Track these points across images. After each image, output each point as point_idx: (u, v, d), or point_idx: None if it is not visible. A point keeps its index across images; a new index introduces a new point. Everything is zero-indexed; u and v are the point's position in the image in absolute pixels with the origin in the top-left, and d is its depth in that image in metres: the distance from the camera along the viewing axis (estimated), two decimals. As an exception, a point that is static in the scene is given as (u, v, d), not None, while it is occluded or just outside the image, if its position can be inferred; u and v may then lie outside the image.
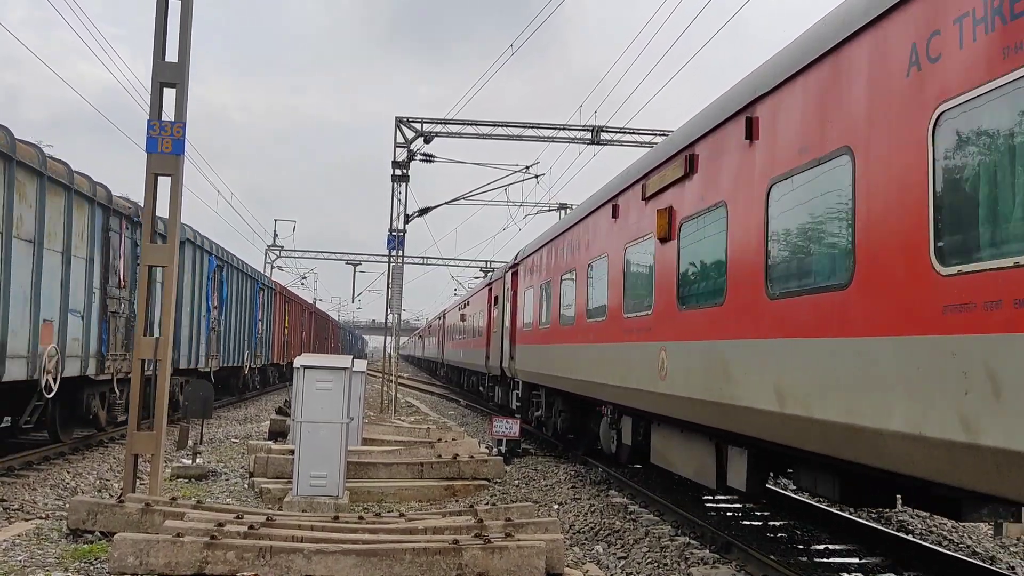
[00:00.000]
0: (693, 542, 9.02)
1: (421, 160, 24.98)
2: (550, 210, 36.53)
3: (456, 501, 11.11)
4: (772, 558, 7.97)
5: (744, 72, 10.40)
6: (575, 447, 15.43)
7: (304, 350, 42.13)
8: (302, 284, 65.60)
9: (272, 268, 55.16)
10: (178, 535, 6.78)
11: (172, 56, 9.68)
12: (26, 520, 8.83)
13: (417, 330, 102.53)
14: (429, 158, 25.08)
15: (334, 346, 64.09)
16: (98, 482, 11.58)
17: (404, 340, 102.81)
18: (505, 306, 20.69)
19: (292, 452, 10.31)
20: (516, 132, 24.94)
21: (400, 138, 24.64)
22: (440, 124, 24.65)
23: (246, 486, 11.41)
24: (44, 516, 9.08)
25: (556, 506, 11.11)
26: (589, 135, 24.82)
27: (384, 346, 31.65)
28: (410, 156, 24.75)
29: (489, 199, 35.05)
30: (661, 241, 9.09)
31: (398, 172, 24.78)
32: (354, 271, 60.76)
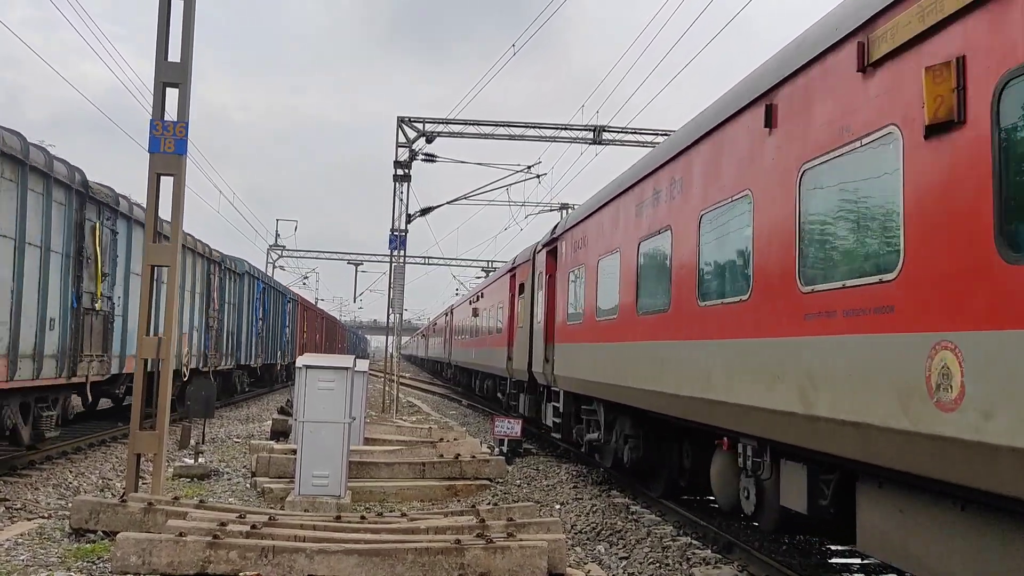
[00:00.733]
0: (695, 542, 9.03)
1: (423, 160, 24.99)
2: (552, 210, 36.53)
3: (458, 501, 11.12)
4: (774, 558, 7.98)
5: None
6: (647, 483, 11.69)
7: (318, 349, 48.72)
8: (304, 284, 65.77)
9: (274, 268, 55.20)
10: (181, 535, 6.79)
11: (174, 56, 9.70)
12: (29, 519, 8.85)
13: (420, 329, 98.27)
14: (431, 158, 25.08)
15: (341, 346, 69.94)
16: (101, 482, 11.59)
17: (406, 340, 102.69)
18: (536, 296, 17.12)
19: (294, 452, 10.32)
20: (518, 132, 24.92)
21: (402, 138, 24.66)
22: (442, 124, 24.66)
23: (248, 486, 11.42)
24: (47, 515, 9.09)
25: (558, 506, 11.12)
26: (591, 135, 24.79)
27: (386, 346, 31.65)
28: (412, 156, 24.75)
29: (491, 199, 35.07)
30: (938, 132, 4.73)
31: (400, 172, 24.79)
32: (355, 271, 60.90)
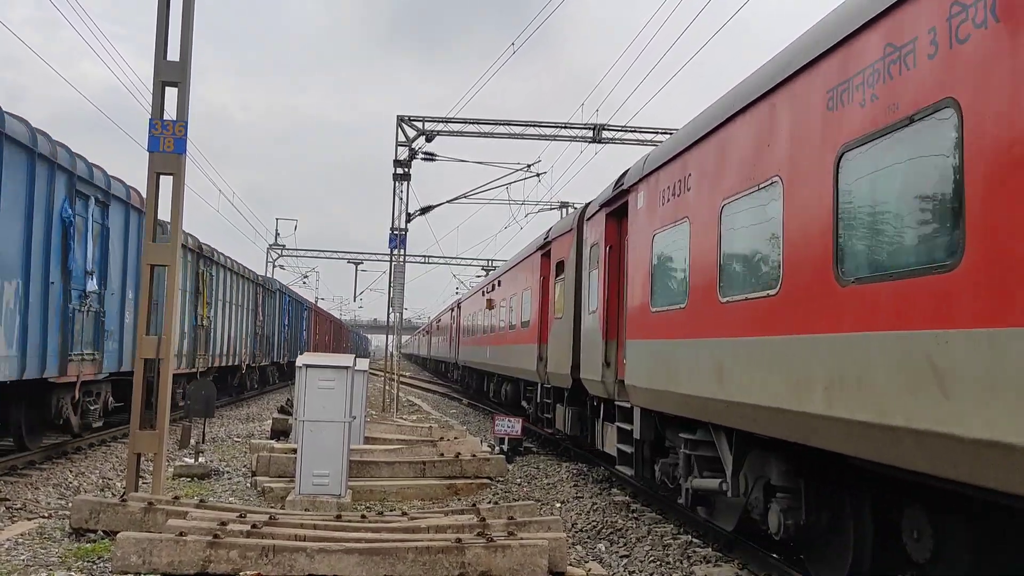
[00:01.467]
0: (695, 540, 9.02)
1: (423, 159, 24.98)
2: (551, 208, 36.55)
3: (458, 500, 11.12)
4: (775, 556, 7.97)
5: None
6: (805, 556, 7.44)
7: (327, 349, 55.47)
8: (304, 283, 65.79)
9: (274, 267, 55.19)
10: (181, 534, 6.79)
11: (174, 55, 9.69)
12: (29, 519, 8.85)
13: (421, 327, 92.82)
14: (431, 157, 25.07)
15: (346, 346, 76.50)
16: (101, 481, 11.59)
17: (406, 339, 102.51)
18: (586, 276, 12.63)
19: (294, 451, 10.32)
20: (518, 130, 24.90)
21: (401, 137, 24.64)
22: (442, 123, 24.64)
23: (248, 485, 11.42)
24: (47, 515, 9.09)
25: (558, 504, 11.12)
26: (591, 133, 24.77)
27: (386, 345, 31.65)
28: (412, 155, 24.74)
29: (491, 198, 35.05)
30: None
31: (399, 171, 24.78)
32: (355, 270, 60.91)
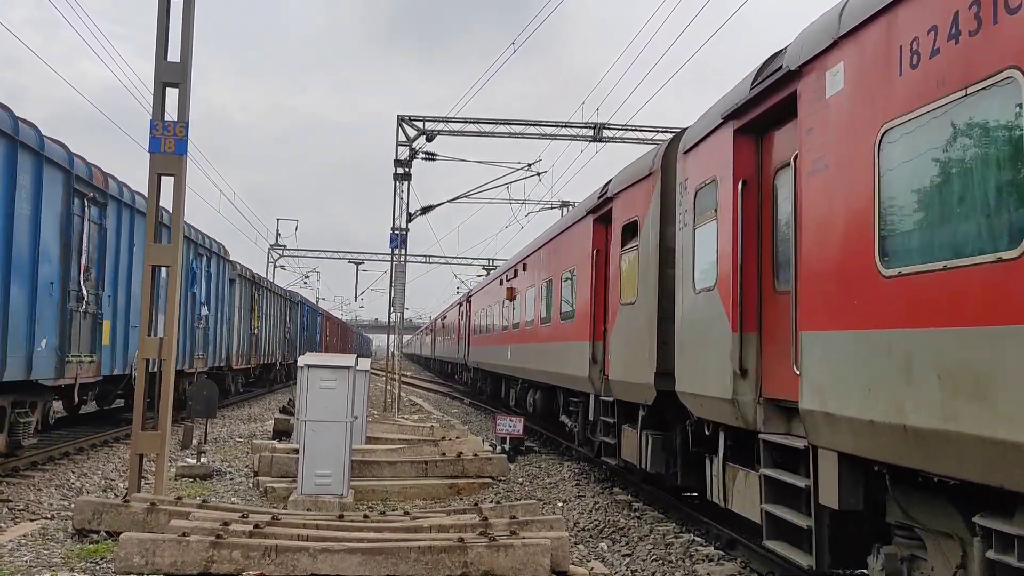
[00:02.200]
0: (698, 539, 9.02)
1: (423, 158, 24.98)
2: (552, 208, 36.53)
3: (460, 499, 11.12)
4: (776, 555, 7.96)
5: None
6: None
7: (335, 349, 61.50)
8: (304, 283, 65.85)
9: (275, 268, 55.20)
10: (184, 534, 6.79)
11: (174, 56, 9.69)
12: (32, 520, 8.85)
13: (423, 326, 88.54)
14: (431, 156, 25.07)
15: (351, 346, 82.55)
16: (103, 482, 11.59)
17: (407, 338, 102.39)
18: (695, 236, 8.21)
19: (296, 451, 10.32)
20: (518, 130, 24.89)
21: (402, 136, 24.64)
22: (442, 122, 24.64)
23: (251, 485, 11.42)
24: (49, 516, 9.09)
25: (560, 504, 11.12)
26: (591, 132, 24.76)
27: (387, 345, 31.65)
28: (412, 154, 24.74)
29: (491, 197, 35.00)
30: None
31: (400, 170, 24.78)
32: (356, 270, 60.93)
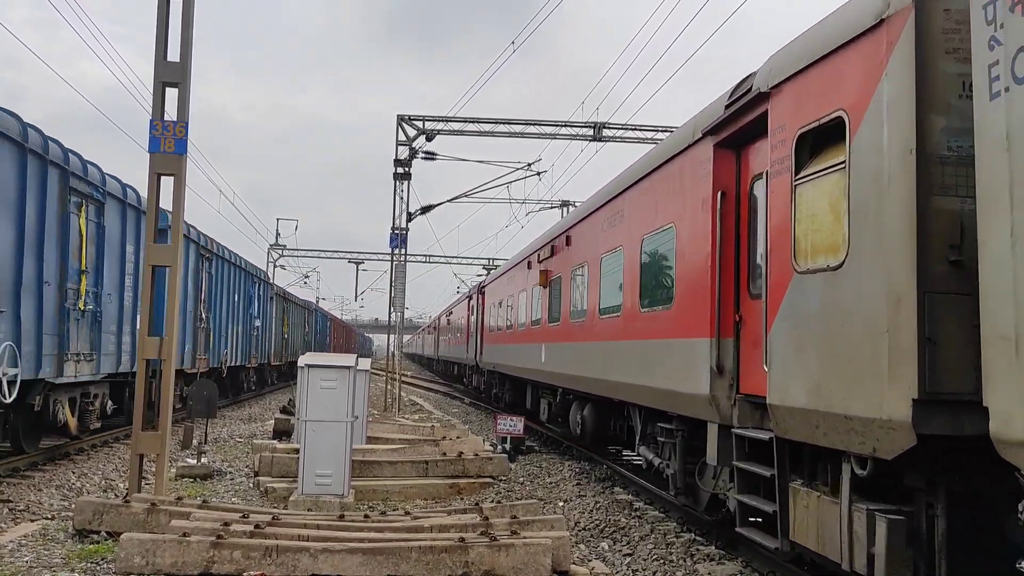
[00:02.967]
0: (699, 539, 9.02)
1: (423, 158, 24.96)
2: (552, 207, 36.49)
3: (461, 499, 11.11)
4: (777, 554, 7.95)
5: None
6: None
7: (340, 349, 65.88)
8: (304, 283, 65.82)
9: (275, 267, 55.17)
10: (184, 535, 6.79)
11: (174, 56, 9.68)
12: (32, 521, 8.84)
13: (425, 325, 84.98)
14: (431, 156, 25.05)
15: (354, 346, 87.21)
16: (104, 482, 11.59)
17: (407, 338, 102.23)
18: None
19: (297, 451, 10.31)
20: (518, 129, 24.85)
21: (402, 136, 24.62)
22: (442, 122, 24.61)
23: (251, 485, 11.42)
24: (50, 517, 9.09)
25: (561, 503, 11.11)
26: (591, 132, 24.73)
27: (387, 344, 31.62)
28: (412, 154, 24.72)
29: (491, 196, 34.89)
30: None
31: (400, 170, 24.77)
32: (356, 270, 60.89)
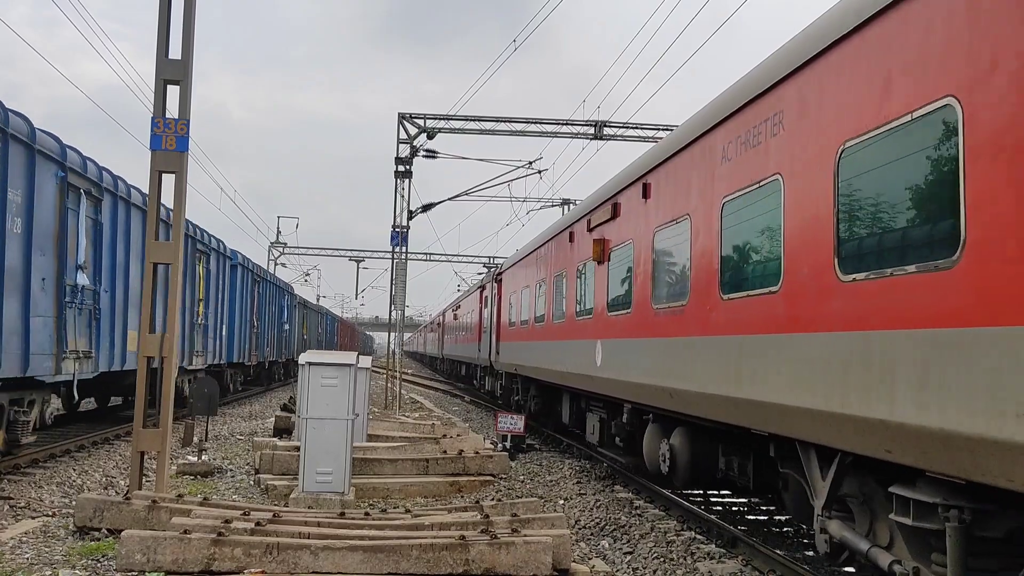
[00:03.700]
0: (699, 537, 9.02)
1: (424, 156, 24.96)
2: (553, 205, 36.51)
3: (461, 497, 11.12)
4: (778, 553, 7.96)
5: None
6: None
7: (345, 347, 69.80)
8: (305, 281, 65.87)
9: (276, 265, 55.17)
10: (185, 532, 6.79)
11: (175, 53, 9.68)
12: (33, 518, 8.86)
13: (427, 323, 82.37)
14: (432, 154, 25.05)
15: (357, 344, 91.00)
16: (104, 479, 11.60)
17: (408, 336, 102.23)
18: None
19: (297, 449, 10.32)
20: (519, 128, 24.84)
21: (403, 134, 24.62)
22: (443, 120, 24.61)
23: (252, 483, 11.43)
24: (51, 514, 9.10)
25: (562, 501, 11.12)
26: (592, 130, 24.72)
27: (388, 342, 31.64)
28: (413, 152, 24.72)
29: (492, 195, 35.00)
30: None
31: (401, 168, 24.76)
32: (357, 268, 60.92)
